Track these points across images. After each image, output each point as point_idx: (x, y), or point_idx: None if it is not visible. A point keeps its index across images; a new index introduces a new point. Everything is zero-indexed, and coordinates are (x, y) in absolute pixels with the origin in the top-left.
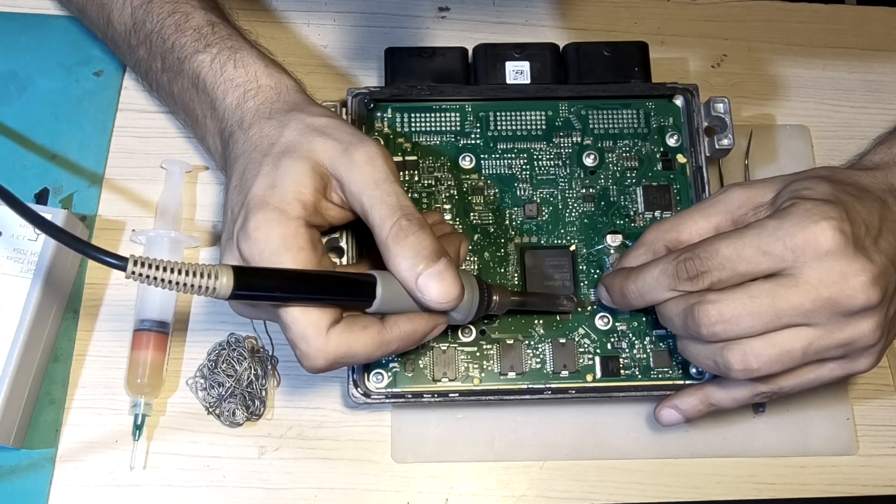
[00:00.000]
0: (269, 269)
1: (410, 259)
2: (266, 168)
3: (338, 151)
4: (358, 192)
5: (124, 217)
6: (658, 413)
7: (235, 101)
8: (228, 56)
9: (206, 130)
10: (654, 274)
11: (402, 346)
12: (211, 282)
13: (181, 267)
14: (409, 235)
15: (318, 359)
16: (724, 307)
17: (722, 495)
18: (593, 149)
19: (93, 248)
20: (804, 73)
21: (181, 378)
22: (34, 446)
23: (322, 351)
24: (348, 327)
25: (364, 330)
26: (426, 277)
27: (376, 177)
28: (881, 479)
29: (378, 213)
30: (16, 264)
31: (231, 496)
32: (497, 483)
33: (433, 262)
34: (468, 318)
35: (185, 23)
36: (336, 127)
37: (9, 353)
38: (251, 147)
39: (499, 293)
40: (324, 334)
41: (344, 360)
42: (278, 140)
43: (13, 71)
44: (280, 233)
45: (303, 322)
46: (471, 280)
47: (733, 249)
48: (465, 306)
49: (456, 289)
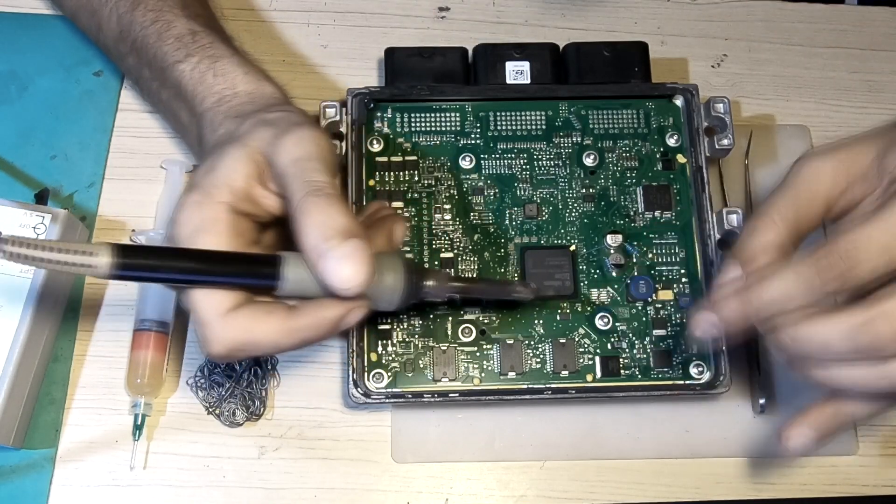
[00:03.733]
0: (157, 248)
1: (315, 237)
2: (212, 156)
3: (272, 135)
4: (281, 174)
5: (124, 217)
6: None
7: (209, 106)
8: (208, 66)
9: (192, 137)
10: (787, 278)
11: (312, 335)
12: (87, 259)
13: (59, 246)
14: (316, 211)
15: (216, 344)
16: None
17: (722, 495)
18: (593, 149)
19: None
20: (804, 73)
21: (181, 378)
22: (34, 446)
23: (221, 336)
24: (252, 313)
25: (267, 315)
26: (329, 258)
27: (299, 155)
28: (881, 479)
29: (291, 189)
30: (16, 264)
31: (231, 496)
32: (497, 483)
33: (341, 242)
34: (392, 304)
35: (167, 31)
36: (283, 118)
37: (9, 353)
38: (215, 144)
39: (434, 278)
40: (222, 318)
41: (246, 348)
42: (233, 133)
43: (13, 71)
44: (201, 216)
45: (202, 306)
46: (396, 263)
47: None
48: (386, 292)
49: (362, 273)
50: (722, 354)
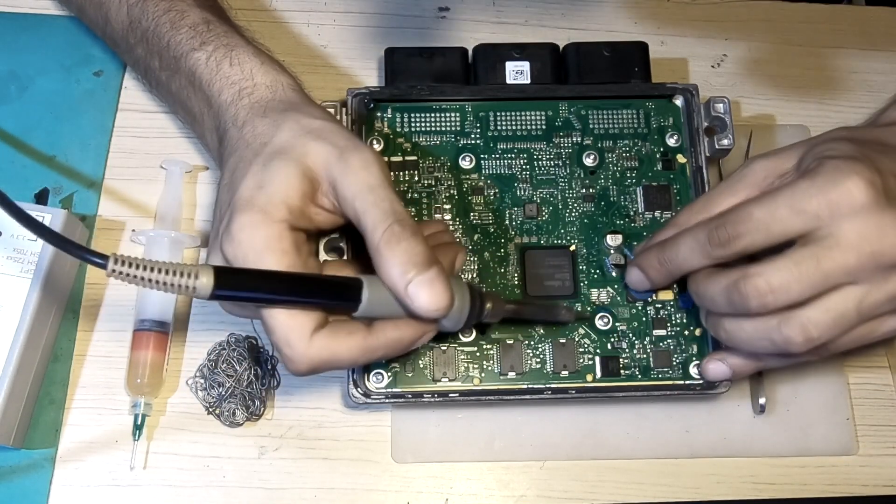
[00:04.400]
0: (252, 271)
1: (401, 265)
2: (256, 168)
3: (333, 156)
4: (352, 197)
5: (124, 217)
6: (705, 365)
7: (230, 99)
8: (224, 54)
9: (204, 128)
10: (687, 242)
11: (387, 353)
12: (191, 281)
13: (162, 266)
14: (401, 241)
15: (300, 363)
16: (771, 277)
17: (722, 495)
18: (593, 149)
19: (74, 245)
20: (804, 73)
21: (181, 378)
22: (34, 446)
23: (305, 356)
24: (333, 332)
25: (349, 336)
26: (416, 285)
27: (371, 182)
28: (881, 479)
29: (371, 218)
30: (16, 264)
31: (231, 496)
32: (497, 483)
33: (424, 270)
34: (458, 326)
35: (181, 20)
36: (332, 131)
37: (9, 353)
38: (244, 145)
39: (492, 301)
40: (307, 339)
41: (327, 366)
42: (271, 140)
43: (13, 71)
44: (264, 235)
45: (286, 326)
46: (462, 288)
47: (766, 211)
48: (455, 314)
49: (446, 297)
50: None
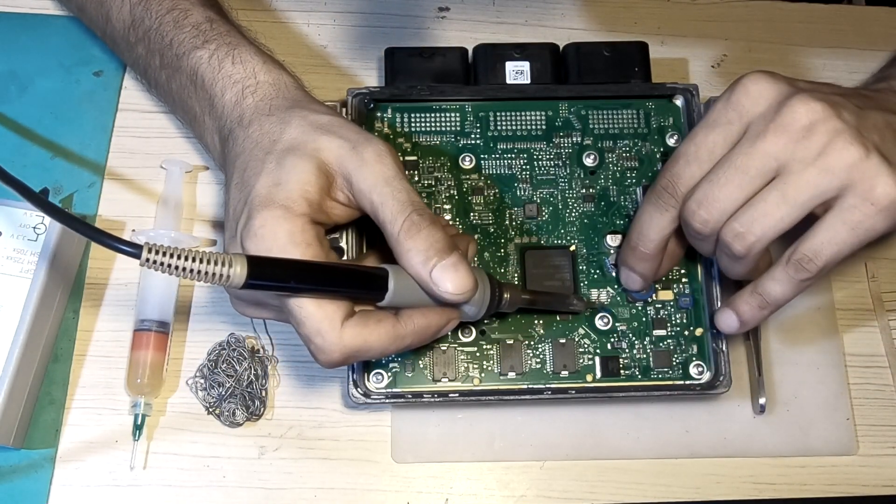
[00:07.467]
0: (284, 260)
1: (423, 252)
2: (269, 166)
3: (346, 150)
4: (368, 190)
5: (124, 217)
6: (717, 320)
7: (234, 98)
8: (226, 52)
9: (204, 128)
10: (646, 209)
11: (415, 340)
12: (225, 269)
13: (195, 255)
14: (421, 230)
15: (333, 353)
16: (698, 193)
17: (722, 495)
18: (593, 149)
19: (107, 235)
20: (804, 73)
21: (181, 378)
22: (34, 446)
23: (338, 345)
24: (363, 321)
25: (379, 324)
26: (440, 270)
27: (386, 174)
28: (881, 479)
29: (389, 210)
30: (16, 264)
31: (231, 496)
32: (497, 483)
33: (446, 255)
34: (480, 313)
35: (184, 19)
36: (341, 125)
37: (9, 353)
38: (252, 145)
39: (509, 290)
40: (339, 328)
41: (359, 354)
42: (281, 137)
43: (13, 71)
44: (287, 229)
45: (318, 316)
46: (482, 275)
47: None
48: (478, 300)
49: (470, 281)
50: (722, 354)
